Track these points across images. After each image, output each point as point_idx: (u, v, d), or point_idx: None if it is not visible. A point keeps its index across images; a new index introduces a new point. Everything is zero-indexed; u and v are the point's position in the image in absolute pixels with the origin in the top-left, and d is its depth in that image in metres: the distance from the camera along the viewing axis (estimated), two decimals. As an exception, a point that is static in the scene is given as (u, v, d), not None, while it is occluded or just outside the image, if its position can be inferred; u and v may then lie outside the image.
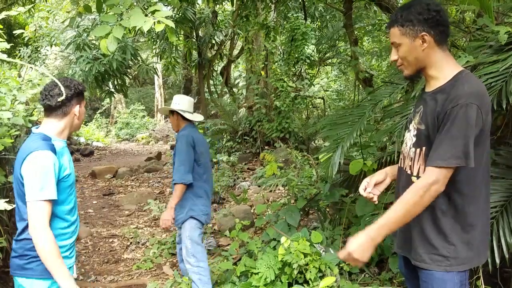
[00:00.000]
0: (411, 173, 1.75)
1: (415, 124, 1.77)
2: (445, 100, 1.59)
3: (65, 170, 2.03)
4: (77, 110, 2.11)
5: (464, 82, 1.61)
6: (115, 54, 9.08)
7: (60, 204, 2.03)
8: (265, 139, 10.06)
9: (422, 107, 1.75)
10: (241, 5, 6.25)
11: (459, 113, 1.53)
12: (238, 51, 13.76)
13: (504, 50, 2.27)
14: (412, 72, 1.75)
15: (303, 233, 3.55)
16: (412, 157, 1.75)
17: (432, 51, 1.68)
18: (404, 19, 1.68)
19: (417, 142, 1.73)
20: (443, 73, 1.69)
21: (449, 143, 1.54)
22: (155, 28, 2.17)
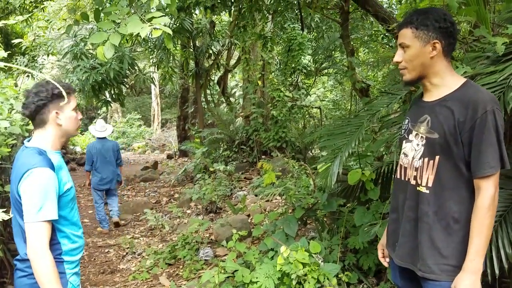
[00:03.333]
0: (418, 184, 1.73)
1: (421, 133, 1.73)
2: (465, 108, 1.59)
3: (66, 185, 1.93)
4: (54, 115, 1.93)
5: (478, 90, 1.64)
6: (112, 63, 9.09)
7: (64, 220, 1.94)
8: (262, 149, 10.06)
9: (427, 116, 1.72)
10: (239, 15, 6.29)
11: (490, 119, 1.55)
12: (235, 61, 13.82)
13: (502, 61, 2.28)
14: (414, 78, 1.75)
15: (301, 243, 3.53)
16: (418, 167, 1.73)
17: (438, 60, 1.70)
18: (420, 22, 1.67)
19: (428, 151, 1.70)
20: (447, 82, 1.71)
21: (491, 150, 1.57)
22: (152, 35, 2.18)
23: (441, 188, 1.67)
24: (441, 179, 1.67)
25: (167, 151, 16.98)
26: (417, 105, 1.86)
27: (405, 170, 1.82)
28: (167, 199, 8.73)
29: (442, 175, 1.67)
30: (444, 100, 1.68)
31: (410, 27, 1.69)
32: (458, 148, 1.62)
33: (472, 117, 1.57)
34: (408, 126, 1.85)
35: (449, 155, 1.64)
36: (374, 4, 5.01)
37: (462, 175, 1.65)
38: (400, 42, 1.73)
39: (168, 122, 24.22)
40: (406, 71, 1.74)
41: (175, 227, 6.35)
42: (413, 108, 1.90)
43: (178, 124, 15.26)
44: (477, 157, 1.59)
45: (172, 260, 4.83)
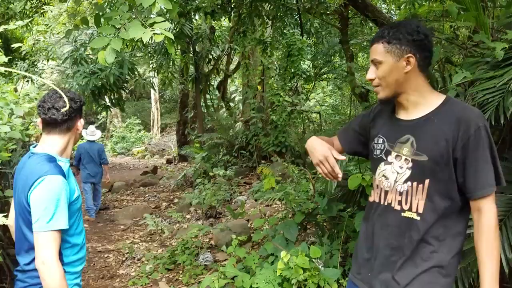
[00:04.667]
0: (404, 209, 1.59)
1: (404, 155, 1.59)
2: (455, 126, 1.49)
3: (74, 193, 1.88)
4: (80, 123, 1.98)
5: (465, 106, 1.56)
6: (112, 68, 9.13)
7: (70, 229, 1.87)
8: (261, 153, 10.07)
9: (410, 136, 1.59)
10: (239, 21, 6.32)
11: (484, 136, 1.48)
12: (234, 66, 13.85)
13: (501, 66, 2.30)
14: (389, 95, 1.61)
15: (302, 247, 3.53)
16: (403, 191, 1.58)
17: (414, 76, 1.58)
18: (392, 36, 1.55)
19: (416, 175, 1.56)
20: (426, 99, 1.60)
21: (488, 168, 1.49)
22: (154, 39, 2.19)
23: (433, 214, 1.54)
24: (432, 204, 1.54)
25: (167, 156, 16.98)
26: (391, 123, 1.70)
27: (385, 194, 1.66)
28: (167, 204, 8.72)
29: (433, 199, 1.54)
30: (428, 119, 1.57)
31: (382, 41, 1.57)
32: (449, 169, 1.51)
33: (464, 135, 1.48)
34: (385, 146, 1.68)
35: (440, 177, 1.52)
36: (373, 10, 5.04)
37: (453, 197, 1.54)
38: (372, 59, 1.61)
39: (168, 127, 24.23)
40: (380, 88, 1.62)
41: (175, 232, 6.34)
42: (386, 126, 1.72)
43: (178, 129, 15.27)
44: (474, 176, 1.49)
45: (172, 265, 4.82)
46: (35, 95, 5.76)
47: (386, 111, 1.74)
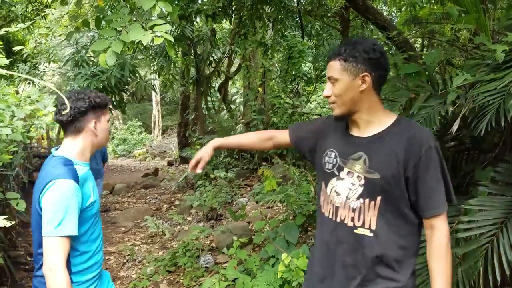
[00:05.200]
0: (356, 226, 1.59)
1: (357, 172, 1.60)
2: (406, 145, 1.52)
3: (89, 199, 1.83)
4: (93, 125, 1.86)
5: (417, 126, 1.60)
6: (113, 71, 9.14)
7: (82, 236, 1.82)
8: (262, 155, 10.06)
9: (363, 153, 1.60)
10: (239, 23, 6.33)
11: (434, 155, 1.51)
12: (235, 68, 13.86)
13: (502, 68, 2.29)
14: (344, 113, 1.62)
15: (303, 250, 3.53)
16: (356, 208, 1.58)
17: (368, 94, 1.58)
18: (348, 54, 1.55)
19: (368, 192, 1.56)
20: (378, 118, 1.62)
21: (440, 187, 1.53)
22: (154, 42, 2.20)
23: (385, 231, 1.55)
24: (384, 221, 1.55)
25: (168, 158, 16.98)
26: (345, 139, 1.71)
27: (336, 210, 1.64)
28: (168, 206, 8.72)
29: (385, 216, 1.55)
30: (381, 137, 1.59)
31: (339, 59, 1.57)
32: (400, 188, 1.53)
33: (415, 155, 1.50)
34: (337, 161, 1.68)
35: (391, 195, 1.53)
36: (374, 12, 5.04)
37: (405, 215, 1.56)
38: (329, 76, 1.61)
39: (169, 129, 24.25)
40: (335, 105, 1.62)
41: (176, 234, 6.34)
42: (339, 141, 1.73)
43: (179, 131, 15.27)
44: (426, 196, 1.52)
45: (173, 268, 4.81)
46: (36, 98, 5.77)
47: (340, 126, 1.74)
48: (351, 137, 1.67)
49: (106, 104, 1.95)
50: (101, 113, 1.91)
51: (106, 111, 1.95)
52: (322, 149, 1.76)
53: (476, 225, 2.21)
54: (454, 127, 2.28)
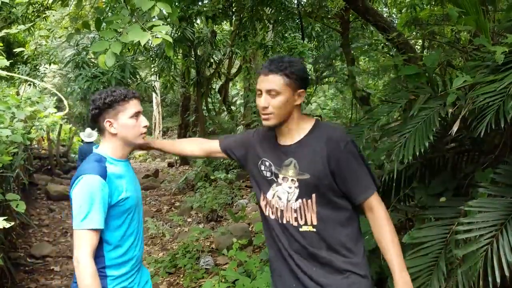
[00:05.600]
0: (301, 224, 1.75)
1: (290, 176, 1.77)
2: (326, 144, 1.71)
3: (120, 194, 1.86)
4: (108, 125, 1.87)
5: (332, 127, 1.83)
6: (114, 72, 9.15)
7: (116, 230, 1.88)
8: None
9: (292, 159, 1.77)
10: (240, 25, 6.33)
11: (353, 148, 1.73)
12: (236, 69, 13.87)
13: (501, 70, 2.29)
14: (278, 123, 1.77)
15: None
16: (297, 208, 1.75)
17: (297, 108, 1.79)
18: (290, 70, 1.71)
19: (304, 192, 1.74)
20: (301, 126, 1.81)
21: (366, 173, 1.74)
22: (153, 43, 2.20)
23: (326, 223, 1.74)
24: (322, 215, 1.73)
25: (168, 159, 16.98)
26: (275, 149, 1.87)
27: (281, 213, 1.80)
28: (168, 207, 8.72)
29: (322, 210, 1.73)
30: (304, 142, 1.78)
31: (281, 74, 1.71)
32: (329, 181, 1.71)
33: (336, 150, 1.70)
34: (272, 169, 1.85)
35: (323, 190, 1.72)
36: (374, 14, 5.04)
37: (339, 205, 1.75)
38: (269, 88, 1.72)
39: (169, 130, 24.23)
40: (271, 116, 1.75)
41: (176, 235, 6.34)
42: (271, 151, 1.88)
43: (179, 132, 15.28)
44: (356, 183, 1.72)
45: (173, 269, 4.81)
46: (36, 99, 5.78)
47: (270, 137, 1.91)
48: (280, 147, 1.84)
49: (122, 99, 1.87)
50: (117, 110, 1.86)
51: (125, 106, 1.88)
52: (255, 158, 1.93)
53: (476, 227, 2.20)
54: (454, 129, 2.28)
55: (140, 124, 1.93)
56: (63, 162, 12.90)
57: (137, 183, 2.07)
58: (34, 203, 8.92)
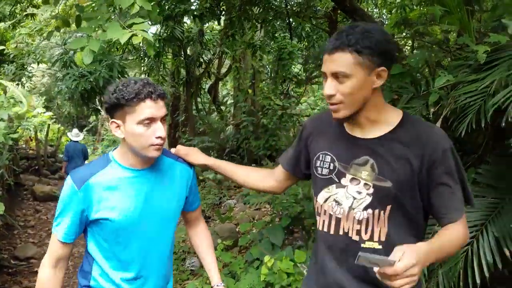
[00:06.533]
0: (364, 239, 1.40)
1: (364, 179, 1.40)
2: (419, 148, 1.34)
3: (101, 210, 1.52)
4: (114, 126, 1.51)
5: (428, 125, 1.43)
6: (102, 71, 9.06)
7: (102, 250, 1.60)
8: (252, 157, 10.02)
9: (369, 158, 1.39)
10: (228, 24, 6.30)
11: (451, 158, 1.34)
12: (226, 69, 13.82)
13: (483, 69, 2.29)
14: (351, 114, 1.38)
15: (287, 252, 3.50)
16: (363, 219, 1.39)
17: (378, 91, 1.38)
18: (362, 45, 1.29)
19: (377, 202, 1.38)
20: (384, 116, 1.41)
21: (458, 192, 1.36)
22: (132, 41, 2.16)
23: (394, 241, 1.35)
24: (394, 231, 1.38)
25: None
26: (343, 140, 1.48)
27: (337, 222, 1.44)
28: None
29: (395, 226, 1.38)
30: (388, 140, 1.39)
31: (349, 50, 1.29)
32: (413, 195, 1.37)
33: (430, 159, 1.33)
34: (335, 166, 1.46)
35: (404, 203, 1.37)
36: (362, 14, 5.02)
37: (415, 221, 1.41)
38: (336, 71, 1.32)
39: (160, 131, 24.07)
40: (342, 106, 1.36)
41: (163, 236, 6.28)
42: (336, 143, 1.49)
43: (169, 132, 15.16)
44: (443, 202, 1.36)
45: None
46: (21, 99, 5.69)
47: (330, 125, 1.51)
48: (352, 139, 1.44)
49: (132, 98, 1.43)
50: (124, 111, 1.46)
51: (134, 108, 1.44)
52: (313, 154, 1.54)
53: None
54: (436, 128, 2.26)
55: (153, 134, 1.48)
56: (50, 162, 12.78)
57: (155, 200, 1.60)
58: (20, 204, 8.81)
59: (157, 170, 1.62)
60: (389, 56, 1.34)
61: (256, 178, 1.79)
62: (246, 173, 1.81)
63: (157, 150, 1.51)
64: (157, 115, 1.47)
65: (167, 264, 1.73)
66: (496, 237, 2.15)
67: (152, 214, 1.59)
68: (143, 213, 1.56)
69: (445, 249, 1.31)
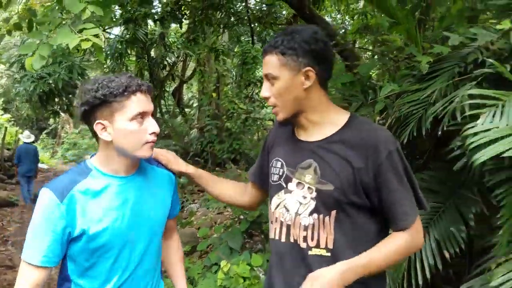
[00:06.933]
0: (311, 246, 1.34)
1: (307, 183, 1.35)
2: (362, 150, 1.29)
3: (91, 225, 1.34)
4: (100, 129, 1.33)
5: (372, 127, 1.38)
6: (61, 73, 8.85)
7: (86, 274, 1.41)
8: (216, 161, 10.03)
9: (313, 161, 1.35)
10: (190, 28, 6.30)
11: (397, 160, 1.29)
12: (191, 72, 13.77)
13: (426, 79, 2.40)
14: (288, 116, 1.37)
15: (244, 256, 3.53)
16: (309, 225, 1.34)
17: (314, 92, 1.35)
18: (286, 46, 1.30)
19: (322, 206, 1.33)
20: (328, 118, 1.38)
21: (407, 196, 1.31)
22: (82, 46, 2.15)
23: (343, 248, 1.31)
24: (342, 237, 1.32)
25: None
26: (291, 145, 1.45)
27: (288, 229, 1.39)
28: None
29: (342, 232, 1.32)
30: (332, 142, 1.34)
31: (275, 52, 1.31)
32: (359, 198, 1.31)
33: (374, 162, 1.28)
34: (283, 171, 1.43)
35: (348, 207, 1.32)
36: (320, 21, 5.14)
37: (364, 226, 1.34)
38: (266, 73, 1.34)
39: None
40: (278, 108, 1.36)
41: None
42: (285, 148, 1.47)
43: (133, 135, 14.96)
44: (390, 208, 1.30)
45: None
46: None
47: (286, 130, 1.50)
48: (298, 143, 1.42)
49: (122, 93, 1.30)
50: (113, 109, 1.31)
51: (124, 104, 1.31)
52: (270, 161, 1.51)
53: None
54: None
55: (146, 130, 1.36)
56: (7, 167, 12.33)
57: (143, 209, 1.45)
58: (-27, 210, 8.46)
59: (142, 176, 1.48)
60: (317, 55, 1.31)
61: (231, 194, 1.71)
62: (224, 187, 1.72)
63: (151, 148, 1.39)
64: (149, 109, 1.36)
65: (156, 276, 1.58)
66: (437, 240, 2.25)
67: (141, 224, 1.44)
68: (131, 223, 1.41)
69: (378, 261, 1.28)
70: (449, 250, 2.19)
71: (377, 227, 1.35)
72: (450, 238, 2.22)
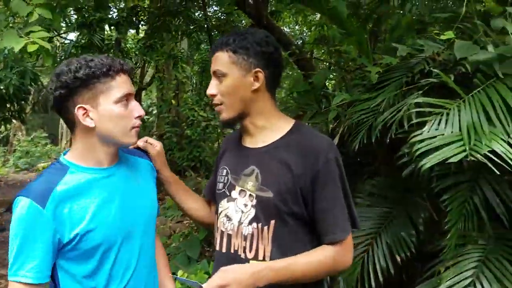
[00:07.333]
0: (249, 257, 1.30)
1: (249, 190, 1.33)
2: (302, 157, 1.28)
3: (78, 225, 1.21)
4: (80, 113, 1.20)
5: (314, 135, 1.36)
6: (12, 78, 8.52)
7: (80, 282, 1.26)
8: (176, 168, 9.92)
9: (255, 167, 1.33)
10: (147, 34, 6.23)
11: (334, 169, 1.28)
12: (150, 78, 13.59)
13: (375, 88, 2.49)
14: (232, 116, 1.34)
15: (202, 265, 3.51)
16: (248, 235, 1.31)
17: (262, 95, 1.34)
18: (238, 45, 1.29)
19: (261, 214, 1.29)
20: (273, 124, 1.37)
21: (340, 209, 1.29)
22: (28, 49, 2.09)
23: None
24: (280, 249, 1.28)
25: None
26: (237, 152, 1.44)
27: (229, 239, 1.35)
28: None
29: (281, 243, 1.29)
30: (275, 148, 1.33)
31: (226, 50, 1.30)
32: (298, 207, 1.28)
33: (312, 169, 1.26)
34: (228, 179, 1.40)
35: (288, 217, 1.29)
36: (278, 32, 5.23)
37: (304, 238, 1.32)
38: (215, 69, 1.33)
39: (80, 141, 22.93)
40: (223, 107, 1.34)
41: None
42: (231, 155, 1.46)
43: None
44: (323, 218, 1.28)
45: None
46: None
47: (235, 138, 1.48)
48: (243, 150, 1.41)
49: (105, 74, 1.20)
50: (96, 91, 1.20)
51: (109, 85, 1.21)
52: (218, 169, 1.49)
53: (354, 235, 2.34)
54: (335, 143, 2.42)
55: (132, 113, 1.27)
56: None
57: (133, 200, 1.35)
58: None
59: (125, 166, 1.37)
60: (268, 58, 1.32)
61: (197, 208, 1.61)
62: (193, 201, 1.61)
63: (137, 134, 1.31)
64: (133, 91, 1.28)
65: (153, 272, 1.46)
66: (388, 244, 2.32)
67: (134, 216, 1.34)
68: (124, 216, 1.30)
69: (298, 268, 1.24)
70: (400, 254, 2.28)
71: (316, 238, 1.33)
72: (401, 243, 2.30)
